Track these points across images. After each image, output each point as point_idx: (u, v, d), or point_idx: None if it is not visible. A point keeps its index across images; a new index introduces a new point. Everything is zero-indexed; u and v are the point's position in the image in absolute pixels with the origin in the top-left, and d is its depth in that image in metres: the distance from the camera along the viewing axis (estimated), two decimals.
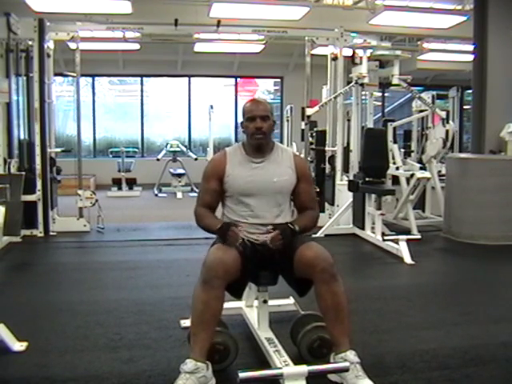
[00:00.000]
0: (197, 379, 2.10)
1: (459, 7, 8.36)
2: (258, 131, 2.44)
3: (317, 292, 2.26)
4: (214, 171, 2.51)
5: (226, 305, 2.33)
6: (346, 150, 6.21)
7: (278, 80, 12.40)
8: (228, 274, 2.20)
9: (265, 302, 2.51)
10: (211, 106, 9.36)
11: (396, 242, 4.71)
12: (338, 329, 2.22)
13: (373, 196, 5.29)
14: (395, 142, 6.29)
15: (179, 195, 9.45)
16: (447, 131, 5.87)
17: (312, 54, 6.32)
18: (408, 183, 5.69)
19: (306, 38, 6.24)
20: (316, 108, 5.91)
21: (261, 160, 2.50)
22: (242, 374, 1.92)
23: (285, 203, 2.52)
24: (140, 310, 3.25)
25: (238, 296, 2.41)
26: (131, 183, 9.94)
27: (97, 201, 5.88)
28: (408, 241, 4.68)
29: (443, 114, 6.06)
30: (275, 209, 2.47)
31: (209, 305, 2.16)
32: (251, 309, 2.80)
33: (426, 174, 5.59)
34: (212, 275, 2.16)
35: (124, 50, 9.59)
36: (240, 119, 2.59)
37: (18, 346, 2.60)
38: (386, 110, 12.95)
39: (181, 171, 9.93)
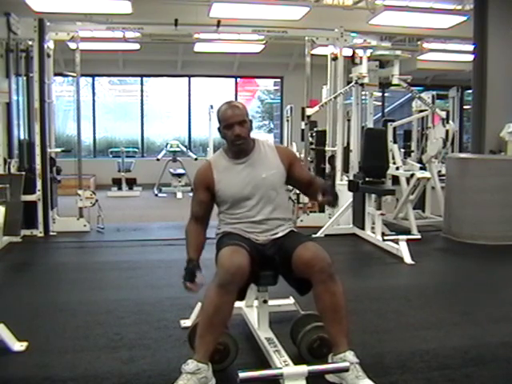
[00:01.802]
0: (198, 380, 2.10)
1: (459, 7, 8.38)
2: (237, 138, 2.43)
3: (315, 292, 2.26)
4: (201, 182, 2.50)
5: None
6: (346, 150, 6.20)
7: (278, 80, 12.40)
8: (244, 279, 2.19)
9: (265, 302, 2.51)
10: (211, 106, 9.36)
11: (396, 242, 4.71)
12: (336, 329, 2.22)
13: (373, 196, 5.29)
14: (395, 142, 6.28)
15: (179, 195, 9.45)
16: (447, 131, 5.87)
17: (312, 54, 6.32)
18: (408, 183, 5.68)
19: (306, 38, 6.24)
20: (316, 108, 5.92)
21: (245, 160, 2.50)
22: (242, 374, 1.92)
23: (278, 197, 2.50)
24: (140, 309, 3.24)
25: (241, 298, 2.37)
26: (131, 183, 9.94)
27: (97, 201, 5.88)
28: (408, 241, 4.68)
29: (443, 114, 6.05)
30: (269, 204, 2.46)
31: (221, 309, 2.15)
32: (251, 309, 2.80)
33: (426, 174, 5.58)
34: (229, 280, 2.14)
35: (124, 50, 9.59)
36: None
37: (18, 346, 2.60)
38: (386, 110, 12.96)
39: (181, 171, 9.93)
